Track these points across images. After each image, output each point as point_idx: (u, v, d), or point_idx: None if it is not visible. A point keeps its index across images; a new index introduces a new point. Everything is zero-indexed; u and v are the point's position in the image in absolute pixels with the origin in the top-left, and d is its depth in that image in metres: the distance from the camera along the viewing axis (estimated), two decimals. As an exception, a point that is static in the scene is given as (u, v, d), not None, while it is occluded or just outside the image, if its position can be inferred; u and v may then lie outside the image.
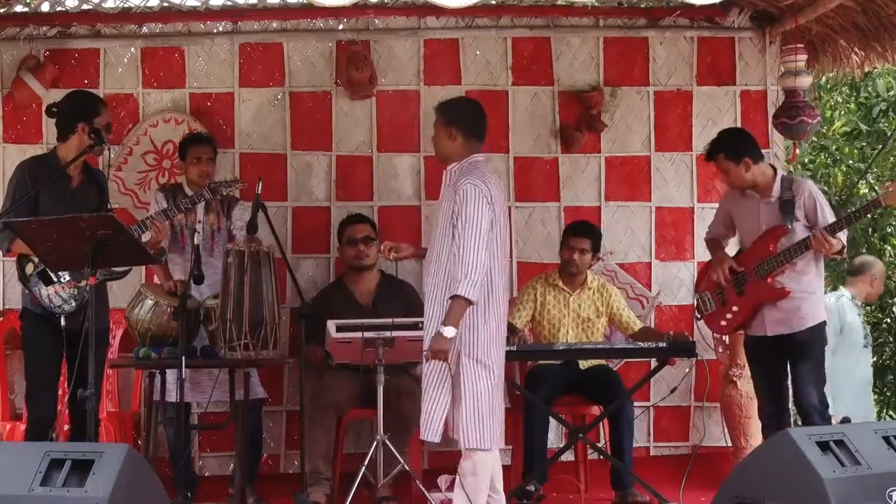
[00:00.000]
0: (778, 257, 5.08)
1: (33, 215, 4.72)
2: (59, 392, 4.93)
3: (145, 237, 5.08)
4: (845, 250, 5.21)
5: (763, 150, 6.49)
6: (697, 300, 5.47)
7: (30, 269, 4.81)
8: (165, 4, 6.29)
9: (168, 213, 5.22)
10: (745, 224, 5.30)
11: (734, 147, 5.23)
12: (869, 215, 7.87)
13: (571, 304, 5.76)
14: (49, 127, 6.15)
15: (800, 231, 5.10)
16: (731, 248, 5.57)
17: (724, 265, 5.25)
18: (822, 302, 5.26)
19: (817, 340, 5.18)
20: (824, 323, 5.21)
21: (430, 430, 4.45)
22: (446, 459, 6.05)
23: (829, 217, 5.12)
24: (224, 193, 5.35)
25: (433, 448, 6.07)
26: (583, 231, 5.79)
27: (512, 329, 5.58)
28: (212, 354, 5.04)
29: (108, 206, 5.01)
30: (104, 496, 3.06)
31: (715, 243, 5.48)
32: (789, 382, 5.19)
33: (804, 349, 5.12)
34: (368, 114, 6.41)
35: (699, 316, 5.49)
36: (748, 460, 3.93)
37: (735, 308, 5.24)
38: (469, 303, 4.34)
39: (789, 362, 5.19)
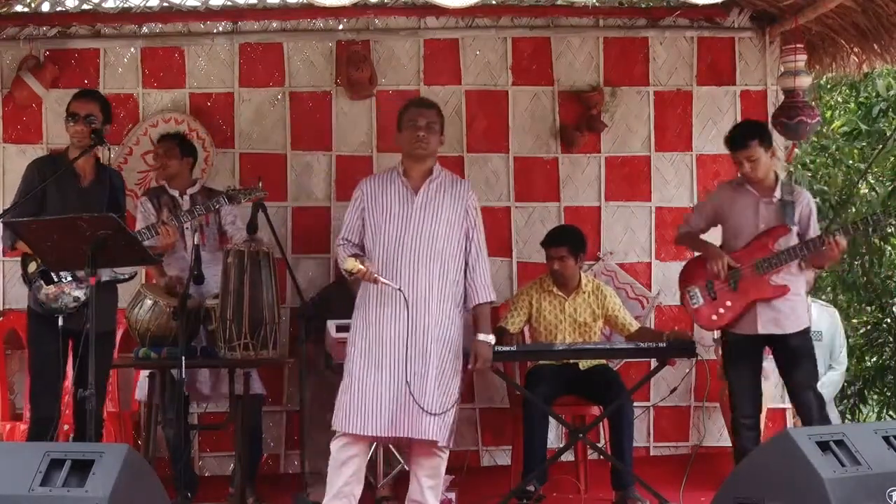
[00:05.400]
0: (780, 255, 5.05)
1: (40, 213, 4.73)
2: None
3: (150, 242, 5.04)
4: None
5: (763, 151, 6.52)
6: (684, 294, 5.33)
7: (32, 268, 4.80)
8: (165, 4, 6.30)
9: (180, 219, 5.17)
10: (740, 221, 5.20)
11: (768, 135, 5.20)
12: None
13: (567, 309, 5.74)
14: (49, 127, 6.17)
15: (793, 235, 5.12)
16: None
17: (724, 259, 5.14)
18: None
19: (810, 342, 5.20)
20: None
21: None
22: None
23: (817, 229, 5.18)
24: (242, 201, 5.27)
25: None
26: (557, 240, 5.73)
27: (503, 332, 5.59)
28: (212, 354, 5.04)
29: (124, 209, 5.00)
30: (104, 496, 3.06)
31: (695, 236, 5.39)
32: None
33: (801, 351, 5.11)
34: (368, 114, 6.41)
35: (688, 310, 5.37)
36: (748, 460, 3.92)
37: (729, 303, 5.15)
38: None
39: (782, 366, 5.20)
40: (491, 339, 4.68)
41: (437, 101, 6.36)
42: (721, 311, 5.18)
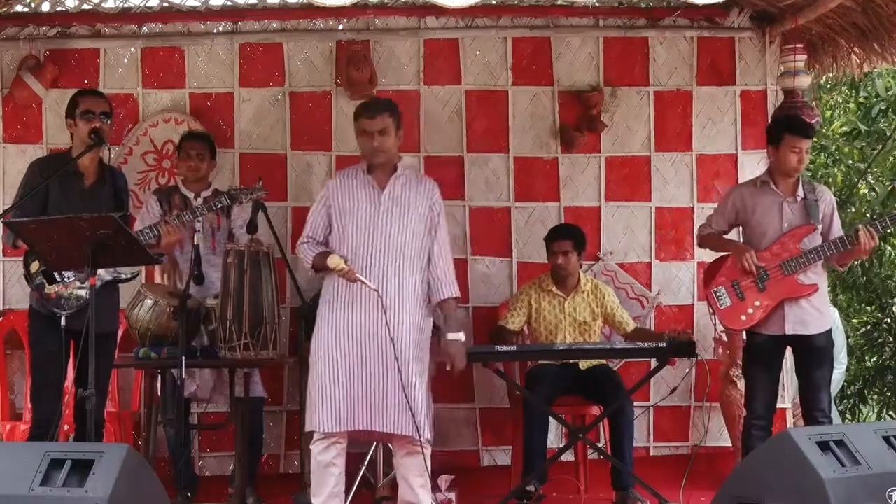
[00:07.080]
0: (809, 255, 5.02)
1: (43, 212, 4.72)
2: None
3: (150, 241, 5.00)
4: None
5: (763, 151, 6.53)
6: (710, 295, 5.26)
7: (34, 267, 4.79)
8: (165, 4, 6.30)
9: (183, 218, 5.13)
10: (763, 221, 5.17)
11: None
12: (869, 215, 7.87)
13: (567, 308, 5.75)
14: (49, 127, 6.17)
15: (817, 234, 5.10)
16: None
17: (752, 252, 5.09)
18: None
19: (832, 345, 5.18)
20: None
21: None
22: (446, 459, 6.06)
23: (840, 226, 5.16)
24: (243, 201, 5.27)
25: (433, 448, 6.09)
26: (562, 234, 5.77)
27: (503, 331, 5.59)
28: (212, 354, 5.04)
29: (127, 210, 5.00)
30: (104, 496, 3.07)
31: (719, 237, 5.36)
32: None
33: (823, 353, 5.09)
34: (369, 114, 6.40)
35: (712, 311, 5.32)
36: (748, 460, 3.93)
37: (757, 303, 5.09)
38: None
39: (802, 364, 5.15)
40: (461, 336, 4.66)
41: (437, 101, 6.44)
42: (750, 311, 5.12)
